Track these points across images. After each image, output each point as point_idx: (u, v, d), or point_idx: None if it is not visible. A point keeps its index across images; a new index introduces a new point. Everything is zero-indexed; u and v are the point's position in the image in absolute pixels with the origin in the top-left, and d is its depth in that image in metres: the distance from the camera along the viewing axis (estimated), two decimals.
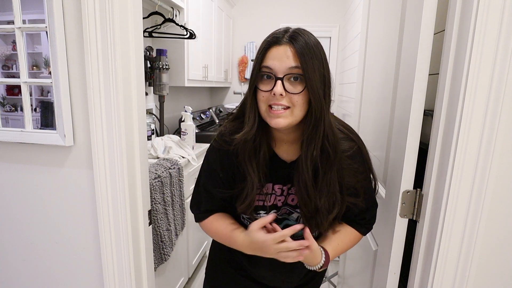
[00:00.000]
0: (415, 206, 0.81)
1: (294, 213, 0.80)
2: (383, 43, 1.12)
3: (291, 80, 0.66)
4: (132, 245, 0.97)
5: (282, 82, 0.65)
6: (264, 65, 0.67)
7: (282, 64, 0.65)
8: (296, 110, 0.67)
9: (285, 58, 0.65)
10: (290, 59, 0.65)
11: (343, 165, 0.74)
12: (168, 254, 1.50)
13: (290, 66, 0.65)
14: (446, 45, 0.71)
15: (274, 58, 0.66)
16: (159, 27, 2.02)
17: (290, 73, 0.65)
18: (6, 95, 1.69)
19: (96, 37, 0.84)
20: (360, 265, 1.25)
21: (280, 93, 0.65)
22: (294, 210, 0.80)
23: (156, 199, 1.41)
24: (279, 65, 0.65)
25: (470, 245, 0.72)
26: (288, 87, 0.66)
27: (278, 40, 0.66)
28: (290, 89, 0.66)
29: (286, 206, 0.80)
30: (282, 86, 0.65)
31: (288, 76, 0.65)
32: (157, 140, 1.86)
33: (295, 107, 0.67)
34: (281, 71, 0.65)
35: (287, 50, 0.65)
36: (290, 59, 0.65)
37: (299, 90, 0.66)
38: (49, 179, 1.00)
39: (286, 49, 0.65)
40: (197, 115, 2.87)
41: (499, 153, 0.67)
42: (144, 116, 0.99)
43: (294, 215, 0.80)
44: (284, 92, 0.65)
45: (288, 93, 0.66)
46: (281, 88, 0.65)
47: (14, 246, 1.09)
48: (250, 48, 3.69)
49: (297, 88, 0.66)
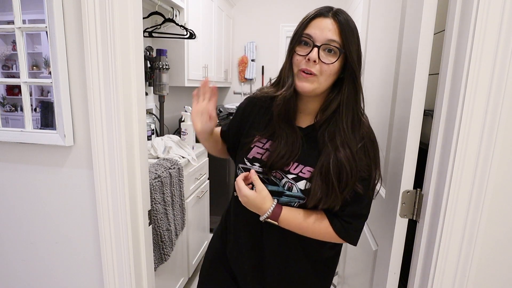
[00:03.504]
0: (415, 206, 0.81)
1: (284, 178, 0.80)
2: (383, 43, 1.12)
3: (326, 51, 0.72)
4: (132, 245, 0.97)
5: (318, 50, 0.71)
6: (306, 32, 0.73)
7: (322, 34, 0.71)
8: (322, 79, 0.74)
9: (327, 30, 0.71)
10: (331, 32, 0.71)
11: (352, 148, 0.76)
12: (168, 254, 1.50)
13: (329, 38, 0.71)
14: (446, 45, 0.71)
15: (316, 28, 0.72)
16: (159, 27, 2.01)
17: (327, 44, 0.71)
18: (6, 95, 1.69)
19: (96, 37, 0.84)
20: (360, 265, 1.25)
21: (314, 58, 0.71)
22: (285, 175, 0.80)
23: (156, 199, 1.41)
24: (319, 34, 0.72)
25: (470, 245, 0.72)
26: (322, 56, 0.72)
27: (323, 14, 0.73)
28: (323, 58, 0.72)
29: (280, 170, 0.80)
30: (317, 53, 0.71)
31: (325, 47, 0.72)
32: (157, 140, 1.86)
33: (322, 76, 0.73)
34: (320, 40, 0.72)
35: (330, 24, 0.72)
36: (331, 31, 0.71)
37: (331, 61, 0.72)
38: (49, 179, 1.00)
39: (329, 22, 0.72)
40: None
41: (499, 153, 0.67)
42: (144, 116, 0.99)
43: (283, 180, 0.80)
44: (318, 59, 0.72)
45: (321, 61, 0.72)
46: (316, 54, 0.71)
47: (14, 246, 1.09)
48: (250, 48, 3.69)
49: (329, 59, 0.72)
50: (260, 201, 0.78)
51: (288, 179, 0.79)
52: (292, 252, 0.85)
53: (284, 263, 0.86)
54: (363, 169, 0.76)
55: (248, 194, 0.77)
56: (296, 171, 0.79)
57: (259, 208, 0.78)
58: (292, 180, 0.79)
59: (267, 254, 0.86)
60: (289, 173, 0.79)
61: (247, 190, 0.78)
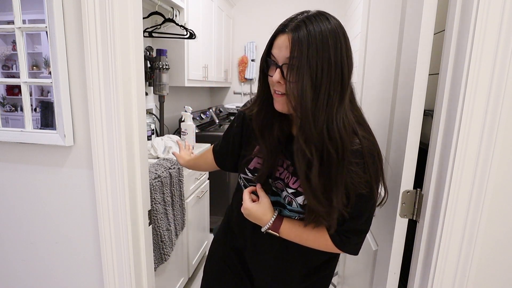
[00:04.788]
0: (415, 206, 0.81)
1: (285, 191, 0.80)
2: (383, 43, 1.12)
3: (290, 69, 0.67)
4: (132, 245, 0.97)
5: (281, 70, 0.68)
6: (271, 52, 0.71)
7: (281, 53, 0.68)
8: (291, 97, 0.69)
9: (284, 48, 0.67)
10: (287, 49, 0.66)
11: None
12: (168, 254, 1.50)
13: (287, 56, 0.67)
14: (446, 45, 0.71)
15: (276, 47, 0.69)
16: (159, 27, 2.01)
17: (286, 63, 0.67)
18: (6, 95, 1.69)
19: (96, 37, 0.84)
20: (360, 265, 1.25)
21: (277, 80, 0.69)
22: (285, 188, 0.80)
23: (156, 199, 1.41)
24: (278, 53, 0.69)
25: (470, 245, 0.72)
26: (287, 75, 0.68)
27: (283, 29, 0.69)
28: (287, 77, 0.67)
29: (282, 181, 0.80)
30: (281, 74, 0.68)
31: (286, 66, 0.68)
32: (157, 140, 1.85)
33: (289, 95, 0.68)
34: (281, 59, 0.69)
35: (286, 40, 0.67)
36: (288, 49, 0.66)
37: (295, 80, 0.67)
38: (49, 179, 1.00)
39: (285, 39, 0.67)
40: (197, 115, 2.86)
41: (499, 153, 0.67)
42: (144, 116, 0.99)
43: (284, 193, 0.80)
44: (281, 79, 0.69)
45: (285, 80, 0.68)
46: (279, 75, 0.68)
47: (14, 246, 1.09)
48: (250, 48, 3.69)
49: None
50: (261, 213, 0.79)
51: (288, 193, 0.79)
52: (290, 253, 0.85)
53: (283, 264, 0.87)
54: (362, 186, 0.70)
55: (250, 206, 0.80)
56: (295, 186, 0.78)
57: (260, 219, 0.80)
58: (291, 194, 0.79)
59: (267, 252, 0.87)
60: (288, 187, 0.79)
61: (249, 203, 0.80)
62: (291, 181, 0.79)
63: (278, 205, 0.82)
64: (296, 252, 0.84)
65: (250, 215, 0.81)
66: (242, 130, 0.91)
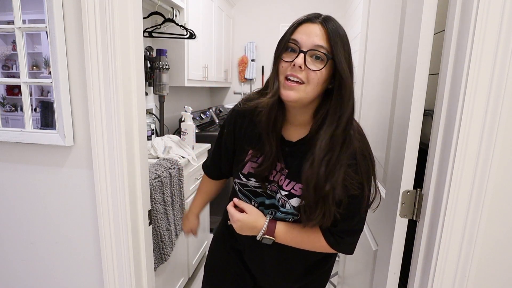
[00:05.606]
0: (415, 206, 0.81)
1: (278, 193, 0.80)
2: (383, 43, 1.12)
3: (313, 58, 0.68)
4: (132, 245, 0.97)
5: (304, 56, 0.67)
6: (293, 37, 0.69)
7: (309, 39, 0.67)
8: (308, 88, 0.69)
9: (314, 36, 0.67)
10: (318, 37, 0.67)
11: None
12: (168, 254, 1.50)
13: (316, 44, 0.67)
14: (446, 45, 0.71)
15: (304, 33, 0.68)
16: (159, 27, 2.01)
17: (314, 50, 0.67)
18: (6, 95, 1.69)
19: (96, 37, 0.84)
20: (360, 265, 1.25)
21: (299, 64, 0.67)
22: (279, 190, 0.80)
23: (156, 199, 1.41)
24: (306, 40, 0.68)
25: (470, 245, 0.72)
26: (309, 62, 0.68)
27: (311, 19, 0.69)
28: (310, 65, 0.67)
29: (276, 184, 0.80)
30: (303, 59, 0.67)
31: (312, 53, 0.67)
32: (157, 140, 1.85)
33: (309, 84, 0.68)
34: (307, 46, 0.67)
35: (318, 29, 0.67)
36: (319, 37, 0.67)
37: (318, 68, 0.67)
38: (49, 179, 1.00)
39: (317, 28, 0.68)
40: (197, 115, 2.86)
41: (499, 153, 0.67)
42: (144, 116, 0.99)
43: (278, 195, 0.80)
44: (303, 65, 0.67)
45: (307, 68, 0.67)
46: (302, 60, 0.67)
47: (14, 246, 1.09)
48: (250, 48, 3.69)
49: (316, 65, 0.68)
50: (253, 220, 0.79)
51: (281, 195, 0.79)
52: (289, 252, 0.85)
53: (282, 262, 0.87)
54: (354, 187, 0.72)
55: (240, 217, 0.78)
56: (288, 188, 0.78)
57: (253, 227, 0.79)
58: (285, 197, 0.79)
59: (265, 253, 0.87)
60: (282, 189, 0.79)
61: (239, 214, 0.79)
62: (284, 183, 0.79)
63: (274, 207, 0.82)
64: (294, 250, 0.84)
65: (243, 226, 0.79)
66: (235, 133, 0.87)
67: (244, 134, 0.84)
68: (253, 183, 0.83)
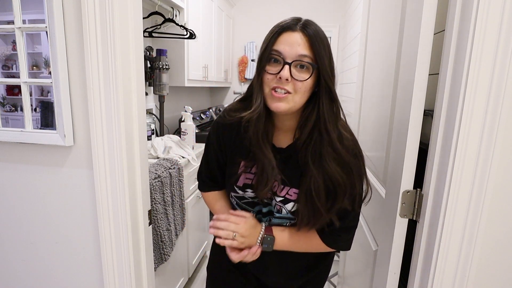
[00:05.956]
0: (415, 206, 0.81)
1: (273, 200, 0.80)
2: (383, 43, 1.12)
3: (298, 68, 0.68)
4: (132, 245, 0.97)
5: (289, 67, 0.66)
6: (275, 48, 0.68)
7: (292, 49, 0.66)
8: (296, 97, 0.69)
9: (297, 45, 0.66)
10: (301, 46, 0.66)
11: None
12: (168, 254, 1.50)
13: (300, 54, 0.66)
14: (446, 45, 0.71)
15: (286, 43, 0.67)
16: (159, 27, 2.01)
17: (298, 60, 0.66)
18: (6, 95, 1.69)
19: (96, 37, 0.84)
20: (360, 265, 1.25)
21: (286, 77, 0.66)
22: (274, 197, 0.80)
23: (156, 199, 1.41)
24: (289, 50, 0.67)
25: (470, 245, 0.72)
26: (295, 73, 0.67)
27: (291, 27, 0.68)
28: (296, 76, 0.67)
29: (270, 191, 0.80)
30: (289, 71, 0.66)
31: (296, 63, 0.67)
32: (157, 140, 1.85)
33: (297, 94, 0.68)
34: (291, 56, 0.67)
35: (300, 37, 0.67)
36: (301, 46, 0.66)
37: (304, 78, 0.67)
38: (49, 179, 1.00)
39: (298, 36, 0.67)
40: (197, 115, 2.87)
41: (499, 153, 0.67)
42: (144, 116, 0.99)
43: (273, 202, 0.81)
44: (290, 77, 0.67)
45: (294, 79, 0.67)
46: (288, 73, 0.66)
47: (14, 246, 1.09)
48: (250, 48, 3.69)
49: (302, 75, 0.67)
50: (250, 226, 0.78)
51: (276, 202, 0.79)
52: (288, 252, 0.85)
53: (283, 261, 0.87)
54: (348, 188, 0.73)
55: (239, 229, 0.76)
56: (282, 193, 0.78)
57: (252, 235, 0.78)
58: (280, 202, 0.79)
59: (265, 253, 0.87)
60: (276, 195, 0.79)
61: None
62: (278, 190, 0.79)
63: (271, 214, 0.82)
64: None
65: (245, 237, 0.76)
66: (224, 145, 0.84)
67: (234, 146, 0.82)
68: (249, 194, 0.82)
